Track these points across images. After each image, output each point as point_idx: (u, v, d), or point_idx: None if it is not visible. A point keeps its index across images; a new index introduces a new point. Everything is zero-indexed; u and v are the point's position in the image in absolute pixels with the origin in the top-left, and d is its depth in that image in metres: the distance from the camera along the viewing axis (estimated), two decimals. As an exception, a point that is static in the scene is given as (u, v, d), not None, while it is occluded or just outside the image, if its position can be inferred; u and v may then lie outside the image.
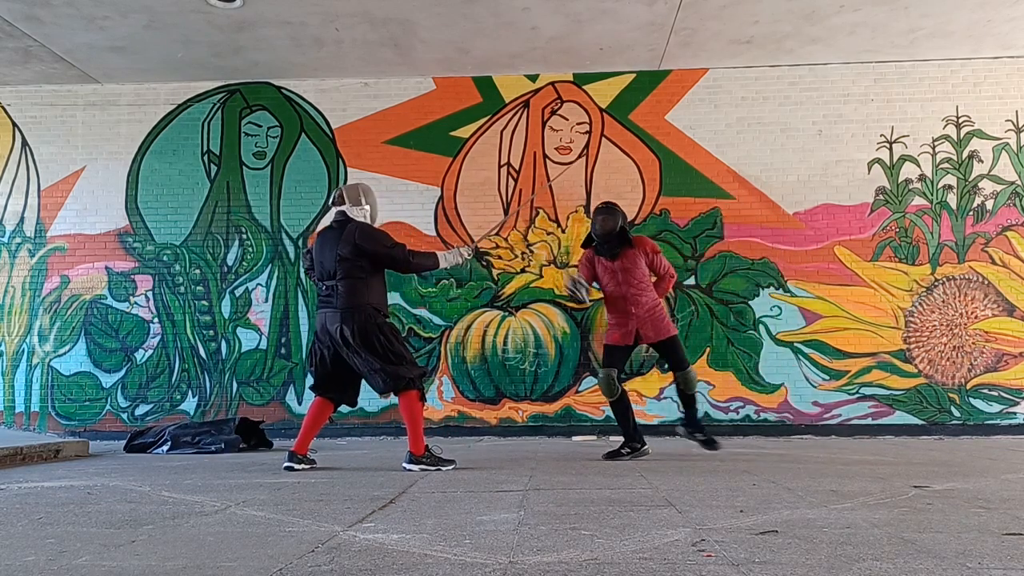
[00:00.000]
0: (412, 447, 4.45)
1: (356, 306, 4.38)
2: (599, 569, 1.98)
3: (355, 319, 4.38)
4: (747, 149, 7.25)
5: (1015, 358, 6.88)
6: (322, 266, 4.53)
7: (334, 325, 4.41)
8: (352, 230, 4.45)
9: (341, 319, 4.39)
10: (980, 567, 1.97)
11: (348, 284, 4.42)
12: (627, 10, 6.20)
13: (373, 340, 4.38)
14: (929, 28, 6.59)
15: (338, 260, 4.43)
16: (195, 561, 2.15)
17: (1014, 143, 7.12)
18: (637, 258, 5.00)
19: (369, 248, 4.42)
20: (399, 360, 4.41)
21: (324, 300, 4.53)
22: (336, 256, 4.44)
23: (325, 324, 4.48)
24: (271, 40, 6.67)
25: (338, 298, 4.43)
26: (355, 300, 4.40)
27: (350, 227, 4.47)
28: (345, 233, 4.45)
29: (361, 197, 4.62)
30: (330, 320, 4.44)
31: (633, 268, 4.98)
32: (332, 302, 4.45)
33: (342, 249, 4.42)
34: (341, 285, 4.43)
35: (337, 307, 4.42)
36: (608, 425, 6.97)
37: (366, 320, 4.39)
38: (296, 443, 4.60)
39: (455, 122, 7.41)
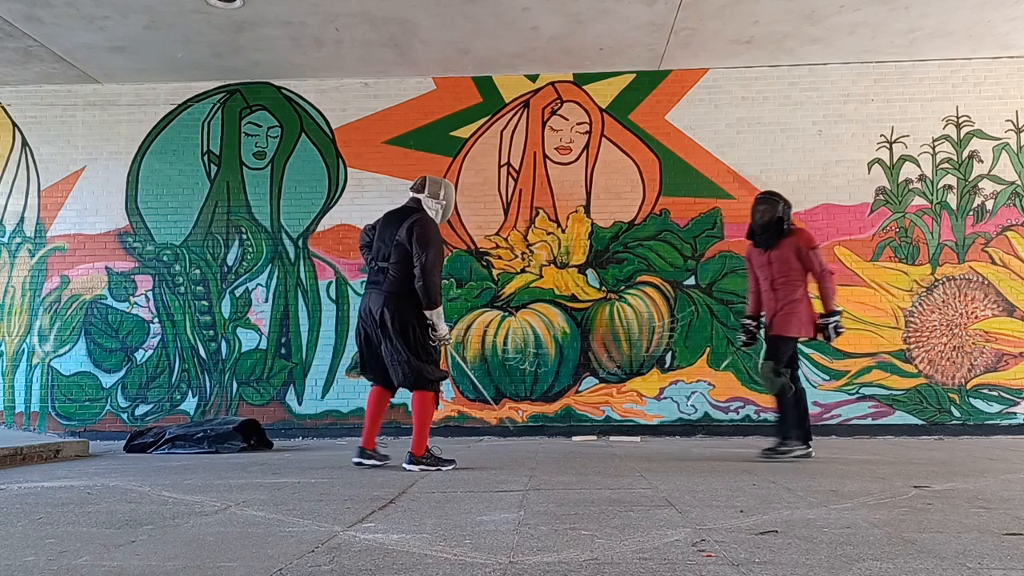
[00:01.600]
0: (414, 447, 4.42)
1: (402, 293, 4.35)
2: (599, 569, 1.98)
3: (397, 305, 4.34)
4: (747, 149, 7.25)
5: (1015, 358, 6.88)
6: (380, 245, 4.50)
7: (376, 306, 4.39)
8: (416, 219, 4.42)
9: (384, 302, 4.36)
10: (980, 567, 1.97)
11: (399, 269, 4.39)
12: (627, 10, 6.20)
13: (408, 330, 4.34)
14: (929, 28, 6.59)
15: (395, 244, 4.41)
16: (195, 561, 2.15)
17: (1014, 143, 7.12)
18: (789, 250, 4.85)
19: (410, 243, 4.36)
20: (427, 358, 4.39)
21: (372, 281, 4.50)
22: (394, 240, 4.42)
23: (369, 304, 4.45)
24: (271, 40, 6.67)
25: (387, 281, 4.40)
26: (402, 287, 4.36)
27: (414, 216, 4.44)
28: (407, 220, 4.43)
29: (442, 192, 4.59)
30: (374, 301, 4.41)
31: (782, 260, 4.85)
32: (380, 284, 4.43)
33: (401, 234, 4.39)
34: (393, 269, 4.40)
35: (383, 289, 4.39)
36: (608, 425, 6.98)
37: (408, 309, 4.35)
38: (363, 438, 4.58)
39: (455, 122, 7.41)
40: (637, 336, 7.07)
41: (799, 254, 4.82)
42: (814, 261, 4.81)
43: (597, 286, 7.15)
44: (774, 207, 4.90)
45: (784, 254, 4.85)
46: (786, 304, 4.80)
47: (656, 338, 7.07)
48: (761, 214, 4.92)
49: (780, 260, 4.85)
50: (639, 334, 7.08)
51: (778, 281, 4.85)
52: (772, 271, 4.88)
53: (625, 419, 6.99)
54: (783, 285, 4.83)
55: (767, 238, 4.91)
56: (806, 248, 4.82)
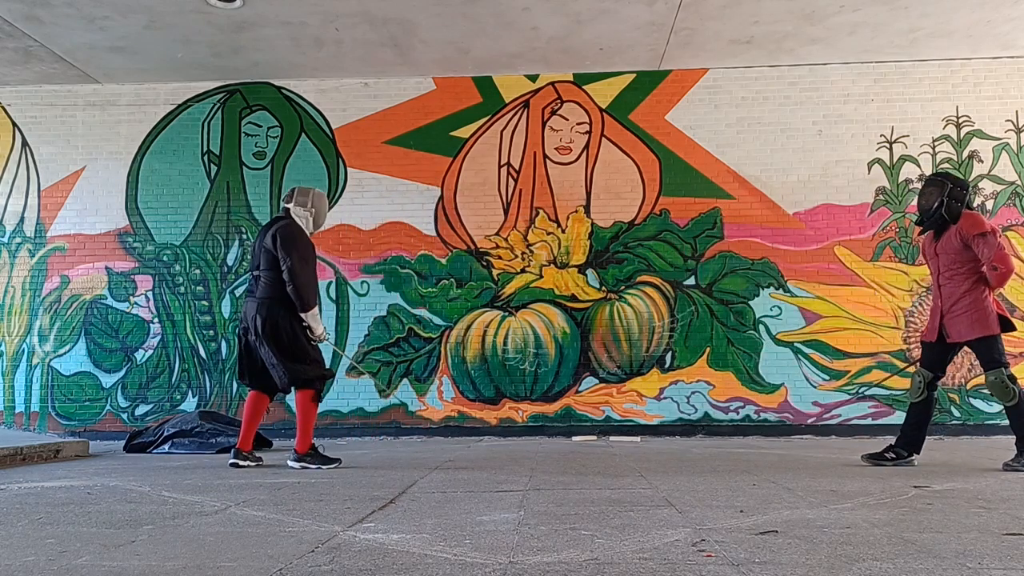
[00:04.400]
0: (298, 445, 4.62)
1: (272, 297, 4.55)
2: (599, 569, 1.98)
3: (269, 310, 4.54)
4: (747, 149, 7.25)
5: (1015, 358, 6.87)
6: (252, 256, 4.75)
7: (252, 312, 4.60)
8: (279, 227, 4.64)
9: (257, 308, 4.57)
10: (980, 567, 1.97)
11: (269, 276, 4.61)
12: (627, 10, 6.20)
13: (281, 334, 4.53)
14: (929, 28, 6.59)
15: (263, 251, 4.64)
16: (195, 561, 2.15)
17: (1014, 143, 7.12)
18: (953, 238, 4.30)
19: (278, 247, 4.56)
20: (302, 358, 4.57)
21: (249, 289, 4.77)
22: (263, 248, 4.64)
23: (246, 311, 4.67)
24: (271, 40, 6.67)
25: (259, 288, 4.62)
26: (273, 292, 4.58)
27: (277, 224, 4.66)
28: (274, 228, 4.65)
29: (309, 202, 4.82)
30: (250, 308, 4.63)
31: (947, 250, 4.32)
32: (254, 291, 4.66)
33: (267, 242, 4.62)
34: (263, 276, 4.63)
35: (256, 296, 4.61)
36: (608, 425, 6.98)
37: (278, 313, 4.55)
38: (239, 440, 4.73)
39: (455, 122, 7.41)
40: (637, 336, 7.07)
41: (965, 243, 4.25)
42: (984, 250, 4.19)
43: (597, 286, 7.15)
44: (933, 192, 4.35)
45: (948, 245, 4.32)
46: (957, 302, 4.28)
47: (656, 338, 7.07)
48: (925, 198, 4.38)
49: (945, 251, 4.34)
50: (639, 334, 7.07)
51: (944, 275, 4.36)
52: (939, 263, 4.39)
53: (625, 419, 6.99)
54: (949, 280, 4.33)
55: (930, 226, 4.40)
56: (973, 235, 4.21)
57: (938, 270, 4.42)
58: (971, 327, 4.24)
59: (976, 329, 4.22)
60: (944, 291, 4.36)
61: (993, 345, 4.23)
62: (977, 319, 4.22)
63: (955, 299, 4.30)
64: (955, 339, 4.32)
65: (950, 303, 4.32)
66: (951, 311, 4.32)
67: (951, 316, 4.32)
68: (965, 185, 4.38)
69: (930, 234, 4.51)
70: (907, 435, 4.50)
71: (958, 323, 4.29)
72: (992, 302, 4.29)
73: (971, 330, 4.24)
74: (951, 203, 4.31)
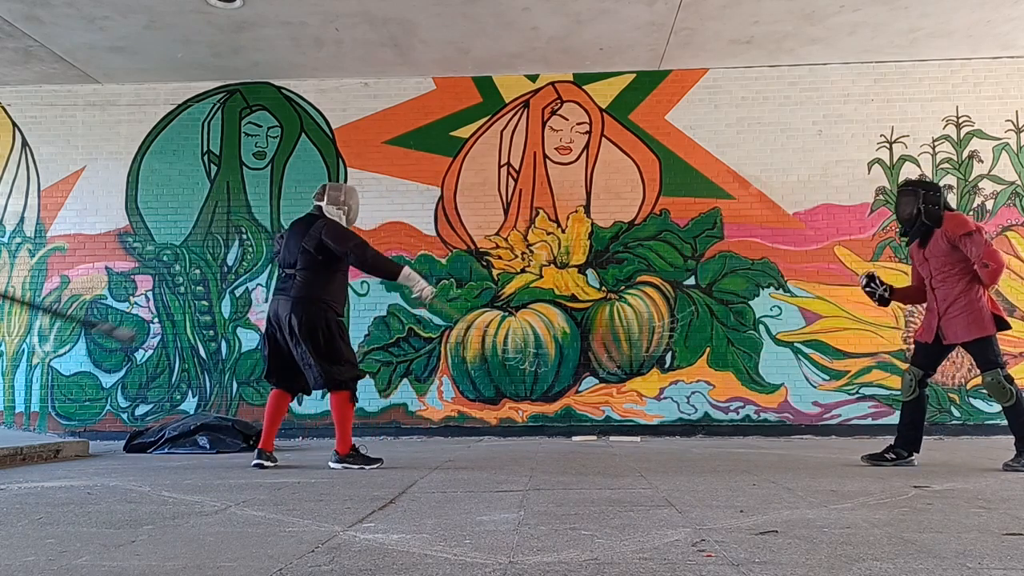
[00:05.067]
0: (338, 446, 4.59)
1: (308, 297, 4.50)
2: (599, 569, 1.98)
3: (304, 310, 4.49)
4: (747, 149, 7.25)
5: (1015, 358, 6.87)
6: (286, 254, 4.68)
7: (285, 312, 4.53)
8: (320, 226, 4.58)
9: (291, 308, 4.51)
10: (980, 567, 1.97)
11: (305, 275, 4.56)
12: (627, 10, 6.20)
13: (317, 334, 4.48)
14: (929, 28, 6.59)
15: (301, 251, 4.58)
16: (195, 561, 2.15)
17: (1014, 143, 7.12)
18: (940, 241, 4.31)
19: (332, 245, 4.52)
20: (337, 359, 4.53)
21: (281, 288, 4.67)
22: (300, 248, 4.58)
23: (277, 310, 4.60)
24: (271, 40, 6.67)
25: (294, 287, 4.56)
26: (308, 292, 4.52)
27: (319, 223, 4.60)
28: (313, 227, 4.59)
29: (342, 197, 4.75)
30: (282, 307, 4.56)
31: (936, 254, 4.34)
32: (287, 290, 4.59)
33: (307, 242, 4.56)
34: (299, 275, 4.57)
35: (290, 296, 4.54)
36: (608, 425, 6.98)
37: (315, 313, 4.50)
38: (261, 440, 4.70)
39: (455, 122, 7.41)
40: (637, 336, 7.07)
41: (953, 243, 4.26)
42: (973, 249, 4.20)
43: (597, 286, 7.15)
44: (910, 200, 4.39)
45: (936, 247, 4.33)
46: (953, 303, 4.28)
47: (656, 338, 7.07)
48: (902, 208, 4.42)
49: (934, 255, 4.34)
50: (639, 334, 7.07)
51: (936, 279, 4.36)
52: (930, 268, 4.40)
53: (625, 419, 6.99)
54: (942, 283, 4.33)
55: (916, 232, 4.43)
56: (959, 235, 4.22)
57: (930, 274, 4.43)
58: (967, 328, 4.24)
59: (972, 330, 4.23)
60: (939, 294, 4.37)
61: (989, 346, 4.24)
62: (973, 320, 4.23)
63: (951, 301, 4.30)
64: (952, 340, 4.33)
65: (946, 305, 4.33)
66: (947, 312, 4.32)
67: (948, 318, 4.32)
68: (937, 188, 4.44)
69: (916, 242, 4.52)
70: (904, 435, 4.50)
71: (955, 324, 4.29)
72: (987, 302, 4.30)
73: (967, 331, 4.24)
74: (929, 208, 4.35)
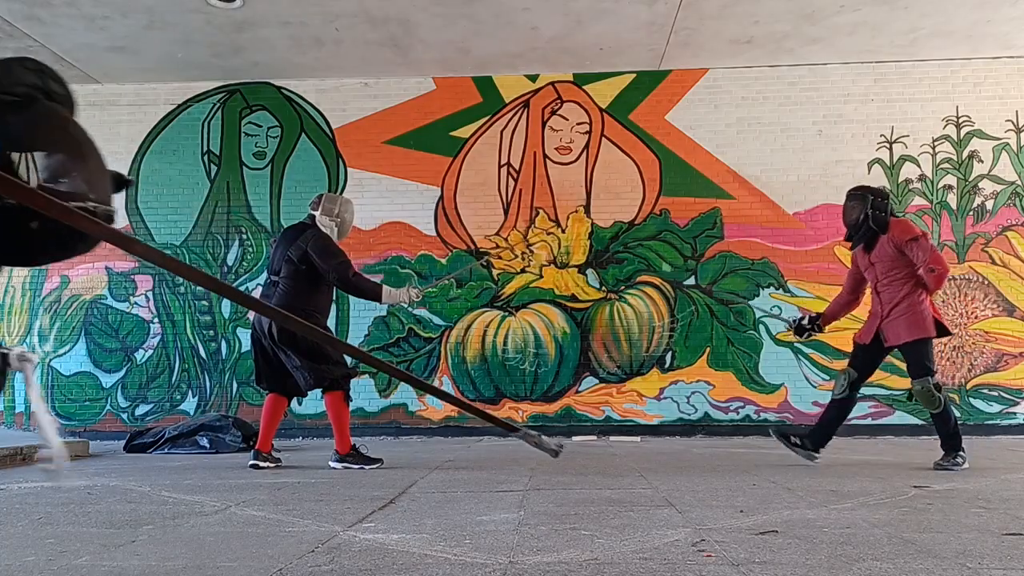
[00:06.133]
0: (337, 445, 4.62)
1: (288, 307, 4.46)
2: (599, 569, 1.98)
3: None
4: (747, 149, 7.24)
5: (1015, 358, 6.87)
6: (273, 260, 4.72)
7: (266, 321, 4.55)
8: (308, 237, 4.59)
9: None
10: (980, 567, 1.97)
11: (288, 284, 4.59)
12: (627, 10, 6.20)
13: (297, 339, 4.49)
14: (929, 28, 6.59)
15: (285, 260, 4.60)
16: (195, 561, 2.15)
17: (1014, 143, 7.12)
18: (886, 246, 4.39)
19: (316, 260, 4.54)
20: (324, 359, 4.53)
21: (264, 294, 4.71)
22: (285, 256, 4.60)
23: (260, 317, 4.63)
24: (271, 40, 6.67)
25: (276, 295, 4.59)
26: (289, 301, 4.53)
27: (308, 233, 4.61)
28: (301, 237, 4.61)
29: (336, 209, 4.76)
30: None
31: (882, 259, 4.41)
32: (270, 297, 4.63)
33: (293, 251, 4.58)
34: (282, 283, 4.61)
35: (272, 303, 4.55)
36: (608, 425, 6.98)
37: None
38: (259, 442, 4.71)
39: (455, 122, 7.41)
40: (637, 336, 7.07)
41: (899, 249, 4.34)
42: (919, 254, 4.26)
43: (597, 286, 7.15)
44: (857, 205, 4.48)
45: (883, 252, 4.41)
46: (896, 307, 4.34)
47: (656, 338, 7.07)
48: (848, 213, 4.52)
49: (881, 260, 4.42)
50: (639, 334, 7.07)
51: (882, 283, 4.43)
52: (876, 272, 4.47)
53: (625, 419, 6.99)
54: (887, 287, 4.40)
55: (861, 237, 4.49)
56: (905, 240, 4.30)
57: (876, 278, 4.50)
58: (908, 329, 4.31)
59: (913, 331, 4.30)
60: (883, 297, 4.43)
61: (925, 350, 4.33)
62: (914, 322, 4.30)
63: (894, 303, 4.37)
64: (892, 342, 4.40)
65: (889, 307, 4.39)
66: (890, 315, 4.38)
67: (890, 320, 4.39)
68: (885, 195, 4.53)
69: (861, 247, 4.59)
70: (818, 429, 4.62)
71: (896, 326, 4.36)
72: (929, 306, 4.38)
73: (908, 332, 4.31)
74: (875, 214, 4.43)
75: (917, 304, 4.32)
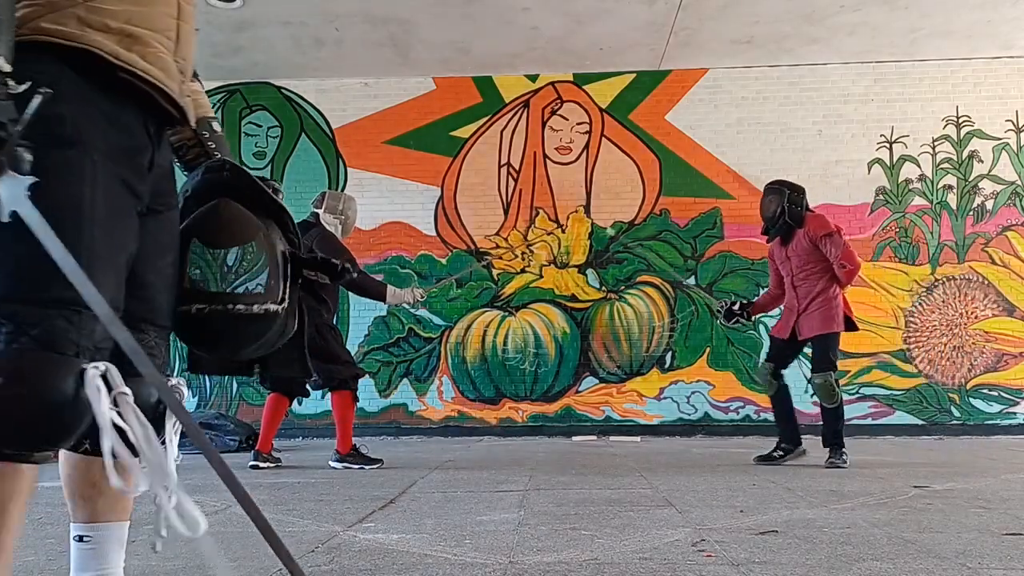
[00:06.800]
0: (339, 445, 4.62)
1: None
2: (599, 569, 1.98)
3: None
4: (747, 149, 7.25)
5: (1015, 358, 6.87)
6: None
7: None
8: (313, 235, 4.58)
9: None
10: (980, 567, 1.97)
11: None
12: (627, 10, 6.20)
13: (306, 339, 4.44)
14: (929, 28, 6.59)
15: None
16: (195, 561, 2.15)
17: (1014, 143, 7.12)
18: (802, 240, 4.48)
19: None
20: (333, 359, 4.54)
21: None
22: None
23: None
24: (271, 40, 6.67)
25: None
26: None
27: (313, 231, 4.60)
28: (306, 236, 4.61)
29: (340, 207, 4.77)
30: None
31: (798, 253, 4.50)
32: None
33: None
34: None
35: None
36: (608, 425, 6.98)
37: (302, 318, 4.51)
38: (259, 442, 4.72)
39: (455, 122, 7.41)
40: (637, 336, 7.07)
41: (813, 243, 4.44)
42: (832, 250, 4.39)
43: (597, 286, 7.15)
44: (774, 199, 4.56)
45: (799, 247, 4.50)
46: (812, 301, 4.43)
47: (656, 338, 7.07)
48: (766, 207, 4.60)
49: (796, 254, 4.51)
50: (639, 334, 7.08)
51: (798, 277, 4.51)
52: (792, 266, 4.55)
53: (625, 419, 6.99)
54: (803, 281, 4.49)
55: (778, 231, 4.59)
56: (820, 236, 4.41)
57: (791, 272, 4.58)
58: (821, 323, 4.42)
59: (824, 325, 4.41)
60: (799, 291, 4.52)
61: (832, 344, 4.45)
62: (826, 315, 4.41)
63: (810, 298, 4.46)
64: (806, 335, 4.50)
65: (806, 302, 4.48)
66: (806, 309, 4.48)
67: (806, 314, 4.48)
68: (801, 190, 4.62)
69: (777, 240, 4.66)
70: (783, 430, 4.66)
71: (811, 319, 4.45)
72: (841, 301, 4.50)
73: (821, 325, 4.42)
74: (792, 208, 4.52)
75: (832, 299, 4.44)
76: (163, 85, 1.32)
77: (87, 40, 1.22)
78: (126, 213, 1.28)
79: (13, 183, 1.07)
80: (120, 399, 1.14)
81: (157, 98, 1.33)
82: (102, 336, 1.20)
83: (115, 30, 1.25)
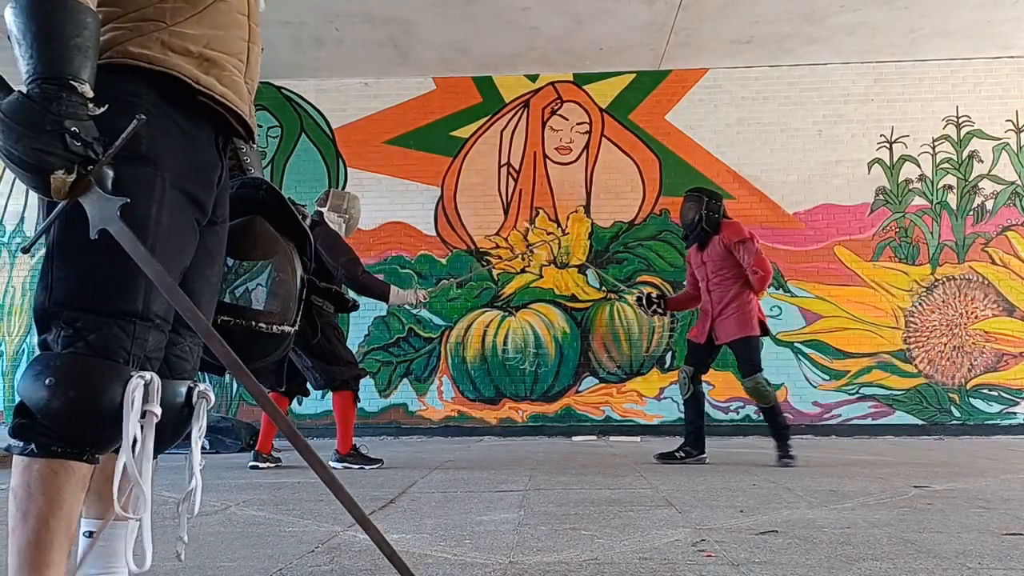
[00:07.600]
0: (339, 445, 4.61)
1: None
2: (599, 569, 1.98)
3: None
4: (747, 149, 7.25)
5: (1015, 358, 6.88)
6: None
7: None
8: (316, 234, 4.57)
9: None
10: (980, 567, 1.97)
11: None
12: (627, 10, 6.20)
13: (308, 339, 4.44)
14: (929, 28, 6.59)
15: None
16: (195, 561, 2.15)
17: (1014, 143, 7.12)
18: (717, 246, 4.57)
19: (324, 256, 4.54)
20: (335, 359, 4.53)
21: None
22: None
23: None
24: (271, 40, 6.67)
25: None
26: None
27: (316, 230, 4.59)
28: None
29: (344, 205, 4.77)
30: None
31: (713, 258, 4.59)
32: None
33: None
34: None
35: None
36: (608, 425, 6.98)
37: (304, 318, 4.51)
38: (259, 442, 4.71)
39: (455, 122, 7.41)
40: (637, 336, 7.07)
41: (728, 248, 4.54)
42: (746, 257, 4.48)
43: (597, 286, 7.15)
44: (693, 206, 4.66)
45: (714, 252, 4.59)
46: (726, 306, 4.53)
47: (656, 338, 7.07)
48: (685, 212, 4.70)
49: (711, 259, 4.61)
50: (639, 334, 7.08)
51: (713, 282, 4.61)
52: (707, 271, 4.64)
53: (625, 419, 6.99)
54: (718, 285, 4.58)
55: (695, 237, 4.69)
56: (735, 242, 4.50)
57: (706, 277, 4.67)
58: (736, 328, 4.50)
59: (740, 329, 4.50)
60: (714, 296, 4.62)
61: (752, 347, 4.53)
62: (742, 321, 4.50)
63: (725, 303, 4.56)
64: (722, 340, 4.59)
65: (720, 307, 4.58)
66: (721, 314, 4.57)
67: (721, 319, 4.57)
68: (719, 197, 4.76)
69: (695, 246, 4.76)
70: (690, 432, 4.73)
71: (726, 325, 4.54)
72: (755, 306, 4.59)
73: (736, 330, 4.50)
74: (709, 215, 4.62)
75: (745, 304, 4.53)
76: (236, 107, 1.40)
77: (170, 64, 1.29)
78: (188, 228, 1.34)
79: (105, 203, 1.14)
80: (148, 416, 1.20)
81: (229, 119, 1.40)
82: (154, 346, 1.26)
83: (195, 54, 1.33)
